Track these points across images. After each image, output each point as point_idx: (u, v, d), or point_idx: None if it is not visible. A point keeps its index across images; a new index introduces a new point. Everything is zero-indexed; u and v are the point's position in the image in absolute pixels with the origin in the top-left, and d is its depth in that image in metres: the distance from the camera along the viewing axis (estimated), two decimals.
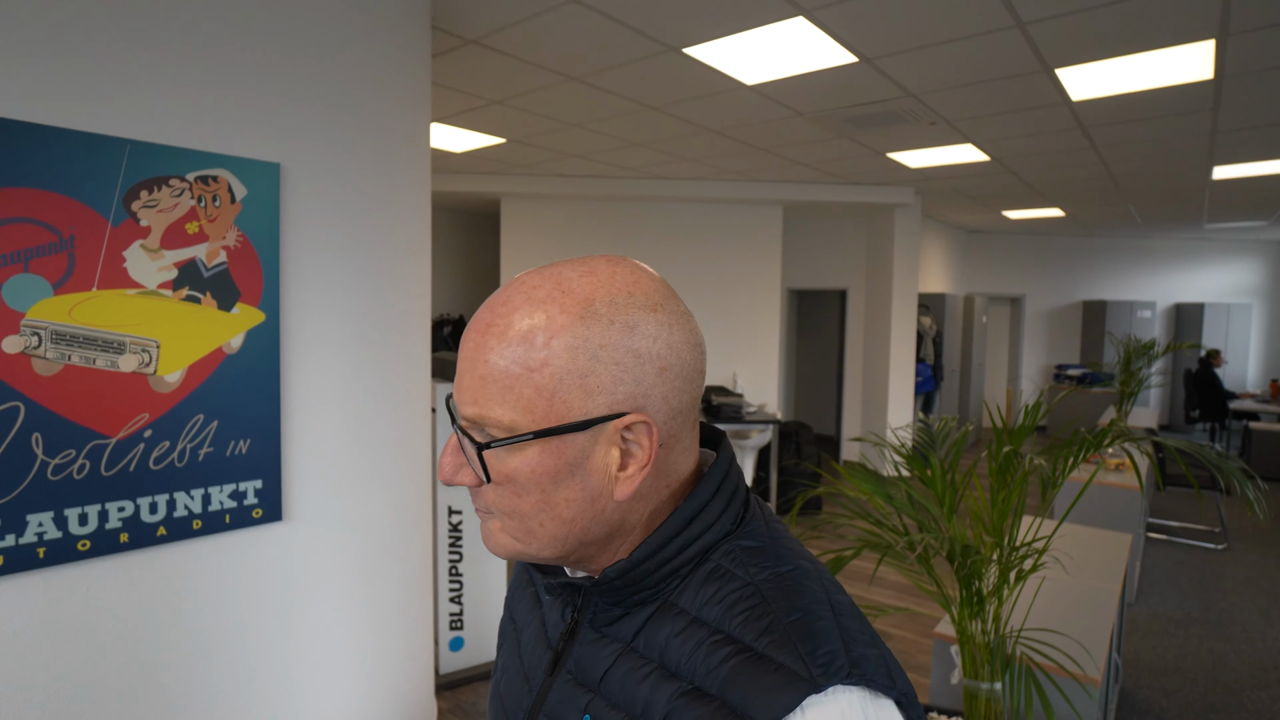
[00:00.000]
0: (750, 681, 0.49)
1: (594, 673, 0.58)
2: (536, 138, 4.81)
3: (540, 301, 0.53)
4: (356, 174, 2.22)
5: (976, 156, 5.19)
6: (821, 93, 3.74)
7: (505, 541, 0.57)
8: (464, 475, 0.57)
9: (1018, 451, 1.66)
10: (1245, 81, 3.48)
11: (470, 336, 0.54)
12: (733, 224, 6.83)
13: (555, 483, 0.54)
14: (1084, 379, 9.65)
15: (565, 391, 0.52)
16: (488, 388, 0.52)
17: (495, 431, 0.53)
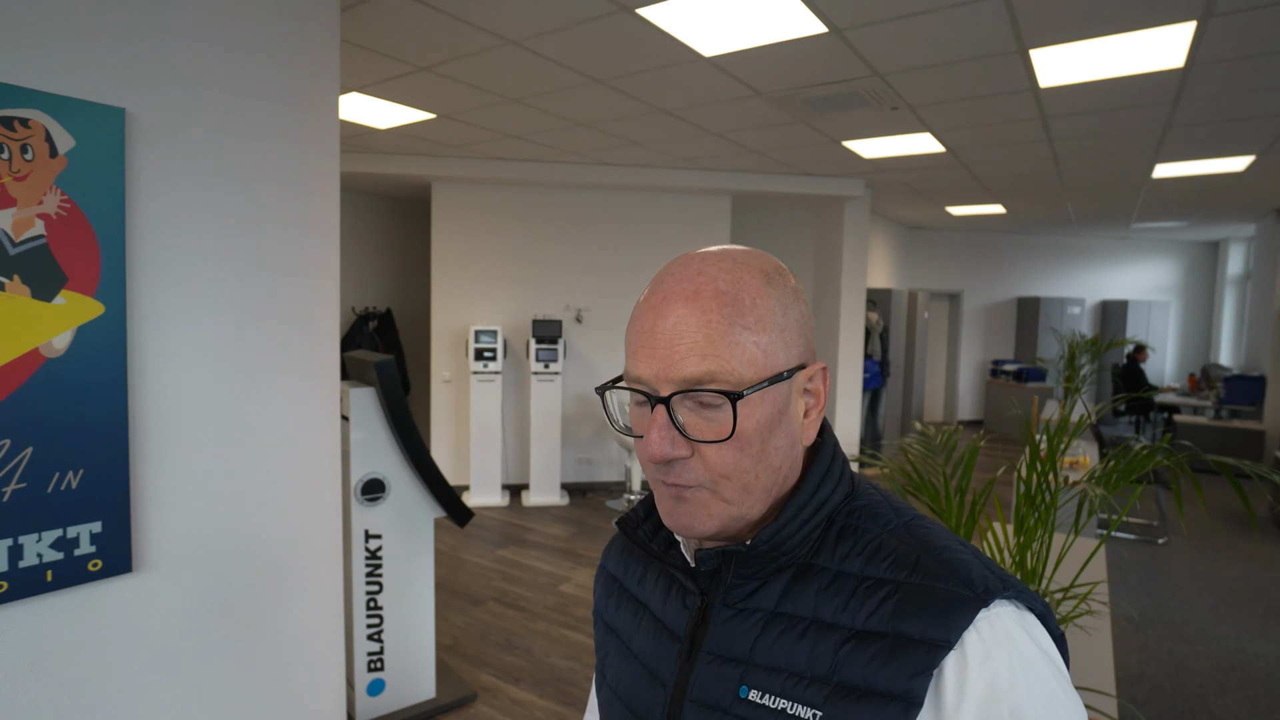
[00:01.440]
0: (920, 610, 0.53)
1: (740, 646, 0.60)
2: (470, 114, 4.37)
3: (730, 270, 0.59)
4: (239, 133, 1.78)
5: (933, 147, 5.02)
6: (784, 68, 3.45)
7: (718, 509, 0.58)
8: (679, 447, 0.57)
9: (1049, 476, 1.38)
10: (1214, 71, 3.36)
11: (674, 304, 0.57)
12: (681, 215, 6.52)
13: (771, 432, 0.58)
14: (1020, 374, 9.79)
15: (773, 345, 0.58)
16: (716, 345, 0.56)
17: (725, 387, 0.56)
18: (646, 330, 0.58)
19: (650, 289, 0.60)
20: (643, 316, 0.59)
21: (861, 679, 0.54)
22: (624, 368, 0.61)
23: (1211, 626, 3.94)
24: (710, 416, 0.57)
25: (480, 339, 5.83)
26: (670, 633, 0.65)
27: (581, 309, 6.37)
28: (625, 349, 0.61)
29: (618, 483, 6.53)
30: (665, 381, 0.56)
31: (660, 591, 0.69)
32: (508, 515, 5.73)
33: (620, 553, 0.78)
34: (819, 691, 0.55)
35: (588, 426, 6.47)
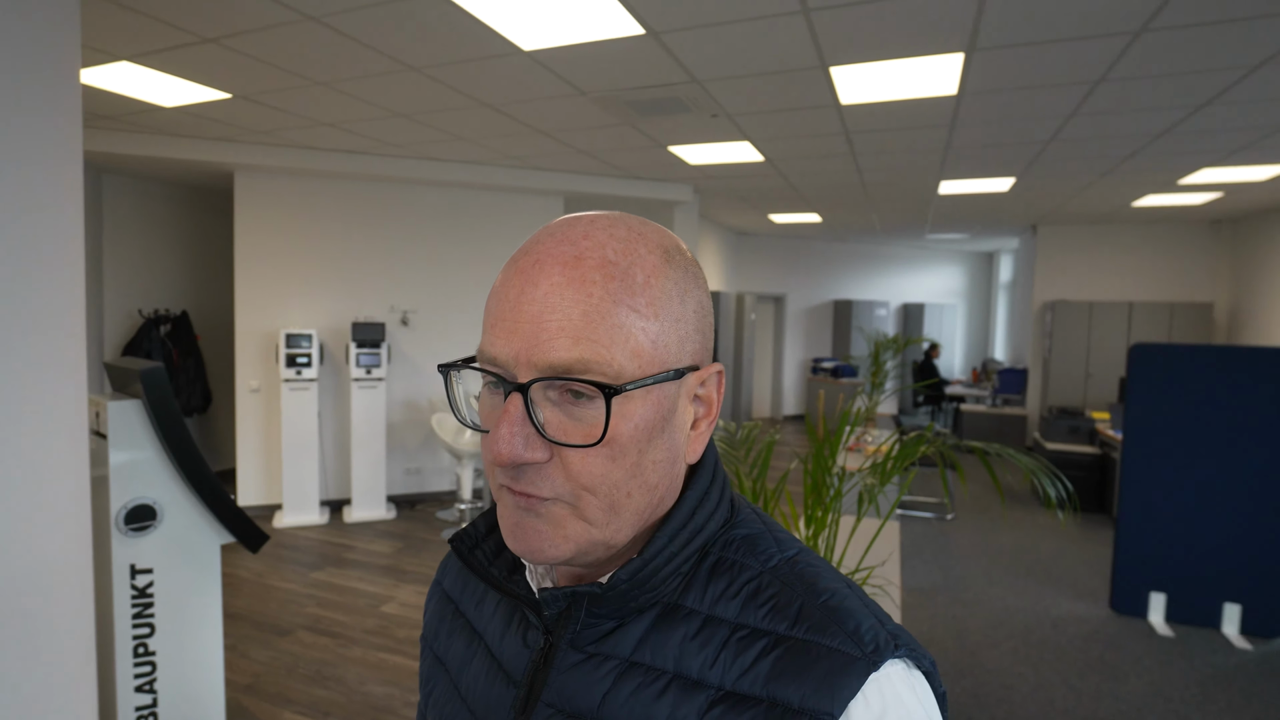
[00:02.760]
0: (802, 673, 0.46)
1: (587, 699, 0.50)
2: (272, 96, 3.97)
3: (624, 239, 0.49)
4: None
5: (753, 156, 5.28)
6: (605, 68, 3.46)
7: (576, 531, 0.48)
8: (534, 449, 0.46)
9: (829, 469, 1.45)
10: (981, 100, 3.81)
11: (548, 270, 0.46)
12: (512, 214, 6.38)
13: (650, 441, 0.48)
14: (836, 371, 10.63)
15: (664, 335, 0.48)
16: (595, 326, 0.45)
17: (600, 378, 0.46)
18: (510, 300, 0.47)
19: (521, 250, 0.49)
20: (508, 283, 0.48)
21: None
22: (478, 345, 0.50)
23: (985, 589, 4.47)
24: (578, 414, 0.46)
25: (293, 344, 5.34)
26: (506, 675, 0.55)
27: (407, 311, 6.04)
28: (483, 322, 0.50)
29: (448, 492, 6.26)
30: (525, 365, 0.46)
31: (501, 620, 0.58)
32: (326, 534, 5.30)
33: (460, 569, 0.66)
34: None
35: (415, 434, 6.15)
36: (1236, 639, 3.79)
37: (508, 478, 0.48)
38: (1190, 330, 8.06)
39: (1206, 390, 3.89)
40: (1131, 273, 8.64)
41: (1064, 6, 2.69)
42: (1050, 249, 8.91)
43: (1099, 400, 8.21)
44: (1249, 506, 3.83)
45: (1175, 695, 3.23)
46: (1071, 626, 3.94)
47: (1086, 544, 5.39)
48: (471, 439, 5.54)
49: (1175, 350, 4.00)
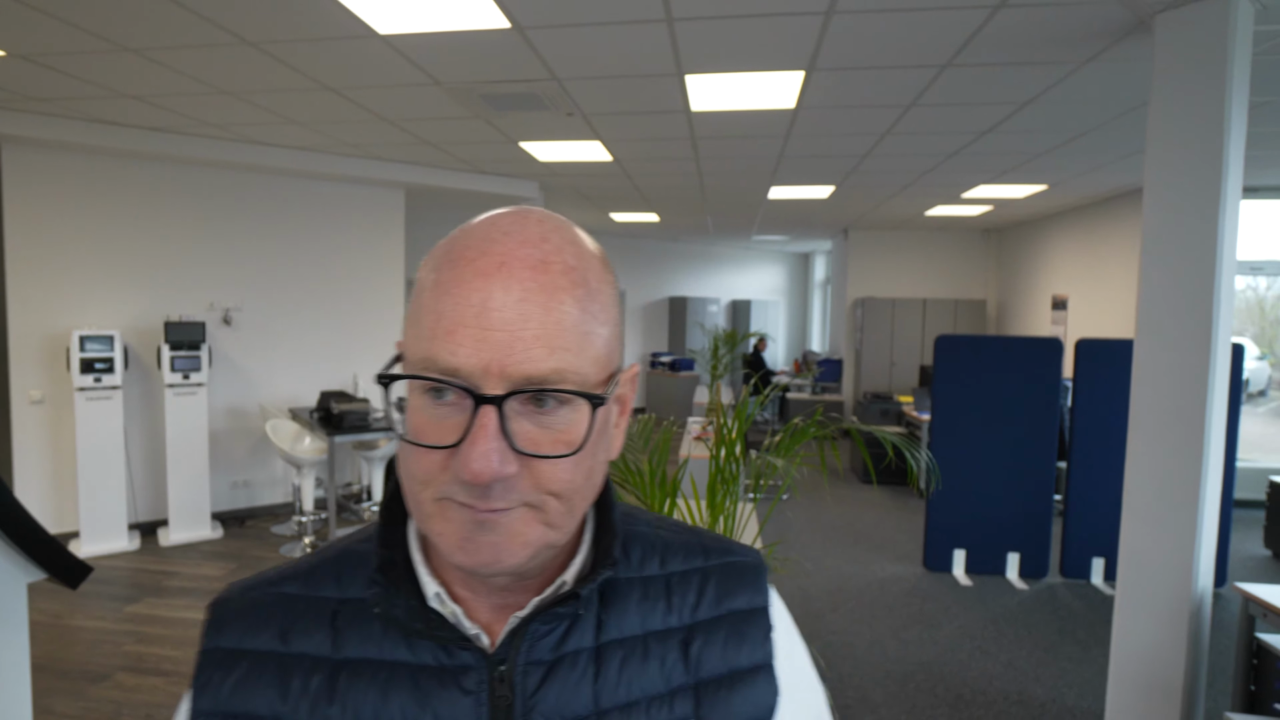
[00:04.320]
0: (737, 584, 0.57)
1: (581, 701, 0.50)
2: (61, 59, 3.44)
3: (574, 242, 0.48)
4: None
5: (602, 156, 5.39)
6: (465, 60, 3.38)
7: (535, 535, 0.46)
8: (509, 464, 0.44)
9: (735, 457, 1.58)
10: (814, 114, 4.20)
11: (519, 274, 0.44)
12: (349, 205, 6.00)
13: (599, 443, 0.49)
14: (674, 364, 11.10)
15: (613, 340, 0.49)
16: (568, 335, 0.45)
17: (576, 388, 0.45)
18: (475, 304, 0.43)
19: (466, 249, 0.46)
20: (465, 284, 0.44)
21: (724, 667, 0.54)
22: (414, 351, 0.45)
23: (821, 560, 4.94)
24: (547, 423, 0.45)
25: (89, 347, 4.64)
26: None
27: (230, 308, 5.47)
28: (418, 324, 0.45)
29: (284, 505, 5.77)
30: (497, 377, 0.43)
31: (405, 689, 0.49)
32: (140, 561, 4.68)
33: (281, 632, 0.52)
34: (687, 700, 0.52)
35: (243, 443, 5.60)
36: (1017, 582, 4.53)
37: (472, 496, 0.44)
38: (970, 323, 9.38)
39: (988, 374, 4.59)
40: (924, 273, 9.87)
41: (890, 39, 3.05)
42: (859, 251, 9.94)
43: (903, 385, 9.30)
44: (1021, 469, 4.57)
45: (977, 634, 3.80)
46: (895, 585, 4.48)
47: (899, 513, 6.11)
48: (312, 446, 5.15)
49: (967, 340, 4.68)
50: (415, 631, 0.50)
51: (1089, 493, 4.44)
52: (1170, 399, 2.49)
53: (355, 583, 0.52)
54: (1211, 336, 2.42)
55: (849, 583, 4.52)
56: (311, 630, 0.51)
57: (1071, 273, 7.58)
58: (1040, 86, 3.62)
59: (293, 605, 0.52)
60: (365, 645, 0.50)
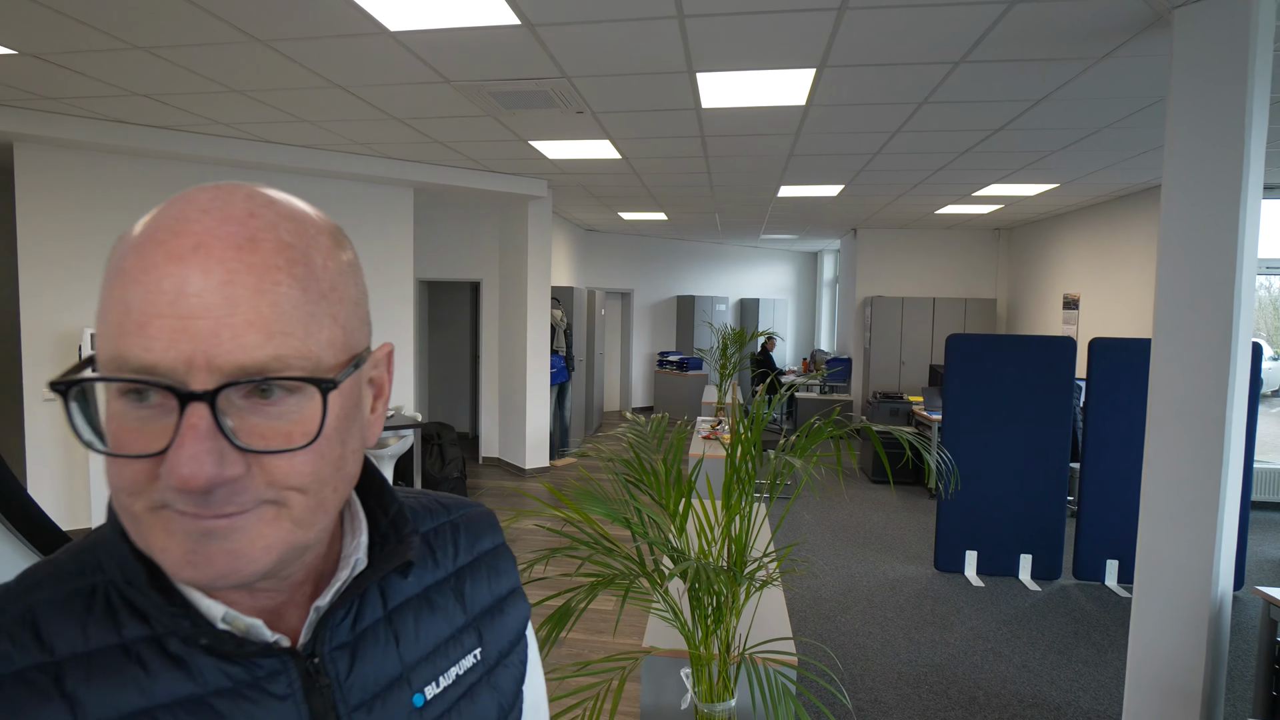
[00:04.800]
0: (480, 529, 0.65)
1: (390, 665, 0.53)
2: (73, 57, 3.44)
3: (294, 219, 0.44)
4: None
5: (611, 154, 5.37)
6: (476, 57, 3.37)
7: (281, 536, 0.42)
8: (232, 464, 0.40)
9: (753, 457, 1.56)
10: (824, 112, 4.17)
11: (222, 254, 0.40)
12: (359, 204, 6.00)
13: (348, 430, 0.46)
14: (682, 363, 11.08)
15: (351, 319, 0.46)
16: (288, 318, 0.41)
17: (305, 373, 0.42)
18: (168, 291, 0.39)
19: (157, 230, 0.41)
20: (154, 269, 0.39)
21: (491, 597, 0.62)
22: (103, 350, 0.40)
23: (832, 560, 4.91)
24: (274, 413, 0.41)
25: None
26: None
27: None
28: (105, 319, 0.40)
29: None
30: (203, 370, 0.39)
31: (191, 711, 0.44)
32: None
33: None
34: (471, 633, 0.59)
35: None
36: (1030, 583, 4.49)
37: (190, 503, 0.40)
38: (980, 322, 9.32)
39: (1001, 374, 4.55)
40: (933, 272, 9.81)
41: (903, 35, 3.02)
42: (868, 250, 9.89)
43: (912, 385, 9.25)
44: (1032, 470, 4.53)
45: (990, 636, 3.77)
46: (906, 586, 4.45)
47: (908, 513, 6.08)
48: None
49: (979, 340, 4.64)
50: (216, 653, 0.45)
51: (1102, 494, 4.40)
52: (1190, 399, 2.46)
53: (69, 637, 0.43)
54: (1231, 335, 2.38)
55: (859, 583, 4.49)
56: (27, 713, 0.41)
57: (1083, 271, 7.52)
58: (1055, 83, 3.58)
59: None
60: (120, 699, 0.42)
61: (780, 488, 1.57)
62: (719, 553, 1.68)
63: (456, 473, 5.68)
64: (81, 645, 0.43)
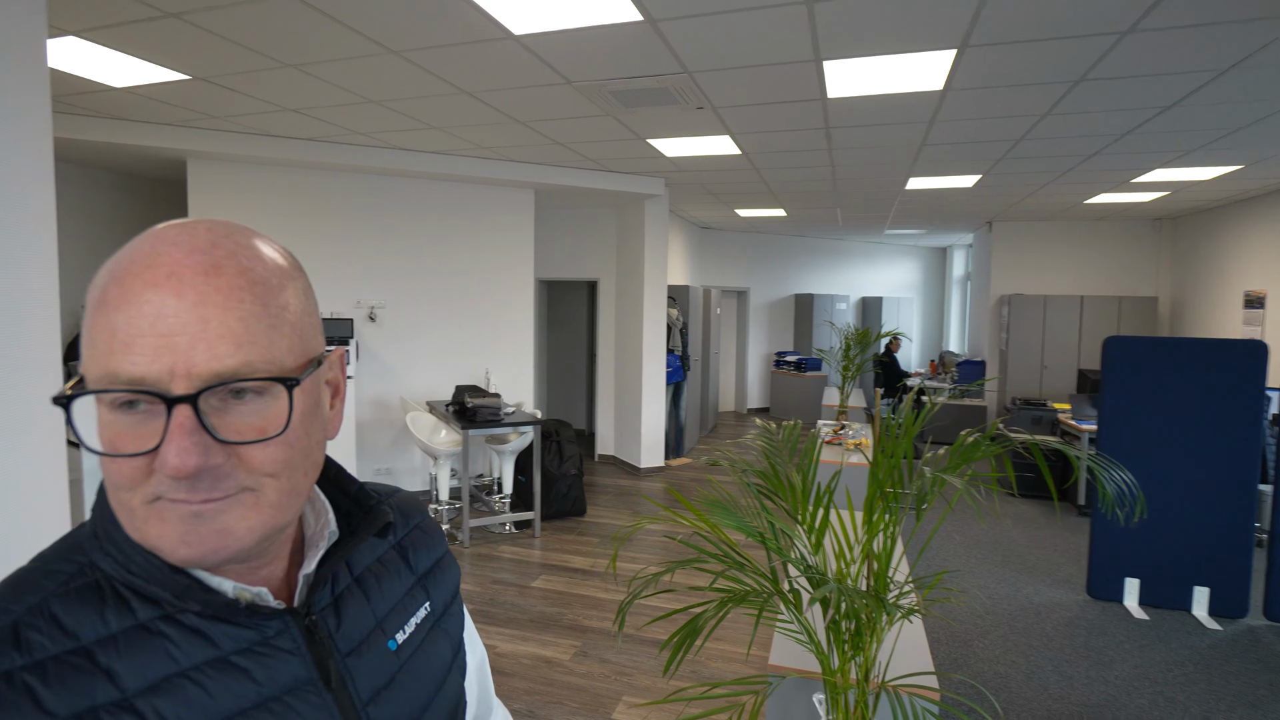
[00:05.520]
0: (409, 509, 0.75)
1: (365, 620, 0.63)
2: (235, 78, 3.74)
3: (248, 246, 0.52)
4: None
5: (730, 150, 5.25)
6: (596, 57, 3.36)
7: (261, 518, 0.51)
8: (214, 455, 0.48)
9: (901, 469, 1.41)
10: (964, 96, 3.85)
11: (189, 280, 0.47)
12: (483, 206, 6.21)
13: (312, 423, 0.54)
14: (799, 364, 10.74)
15: (307, 327, 0.54)
16: (254, 330, 0.49)
17: (263, 376, 0.49)
18: (148, 315, 0.46)
19: (131, 264, 0.48)
20: (134, 297, 0.46)
21: (430, 560, 0.73)
22: (93, 370, 0.47)
23: (967, 579, 4.55)
24: (250, 412, 0.49)
25: None
26: (290, 695, 0.54)
27: (375, 306, 5.82)
28: (93, 343, 0.47)
29: (422, 492, 6.07)
30: (183, 378, 0.46)
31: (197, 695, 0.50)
32: None
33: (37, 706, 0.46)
34: (420, 591, 0.70)
35: (386, 434, 5.94)
36: (1207, 620, 3.95)
37: (182, 491, 0.47)
38: (1137, 323, 8.41)
39: (1171, 381, 4.03)
40: (1081, 267, 8.96)
41: (1058, 6, 2.71)
42: (1005, 244, 9.17)
43: (1055, 391, 8.48)
44: (1210, 491, 3.98)
45: (1159, 677, 3.34)
46: (1054, 613, 4.04)
47: (1054, 531, 5.55)
48: (448, 438, 5.37)
49: (1144, 343, 4.14)
50: (229, 621, 0.53)
51: None
52: None
53: (90, 623, 0.49)
54: None
55: (999, 606, 4.13)
56: (77, 686, 0.47)
57: (1271, 266, 6.59)
58: (1250, 46, 3.11)
59: (27, 678, 0.46)
60: (155, 667, 0.49)
61: (929, 507, 1.42)
62: (858, 572, 1.54)
63: (574, 470, 5.75)
64: (104, 629, 0.49)
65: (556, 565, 4.68)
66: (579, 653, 3.51)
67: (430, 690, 0.66)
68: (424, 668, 0.66)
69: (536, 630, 3.74)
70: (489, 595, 4.17)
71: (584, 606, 4.04)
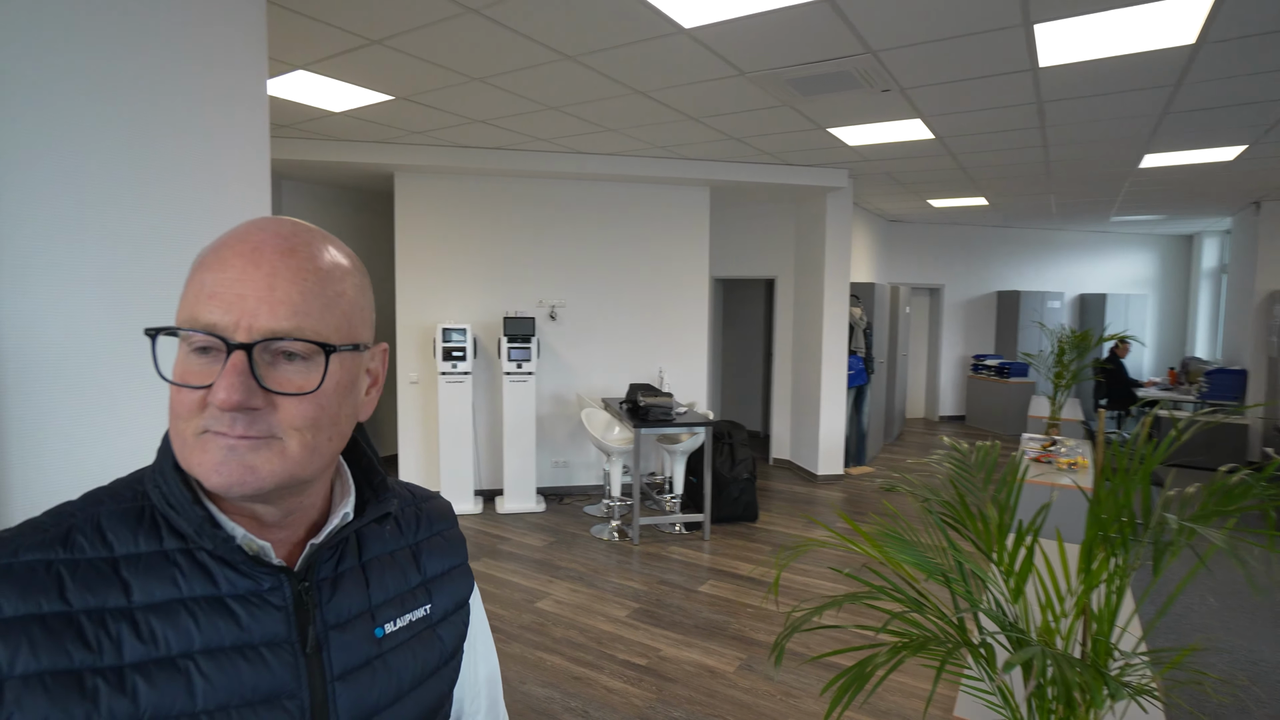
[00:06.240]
0: (435, 515, 0.79)
1: (359, 601, 0.67)
2: (430, 95, 4.05)
3: (322, 242, 0.61)
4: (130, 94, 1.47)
5: (921, 134, 4.81)
6: (770, 44, 3.19)
7: (283, 464, 0.57)
8: (255, 396, 0.56)
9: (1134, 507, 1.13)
10: (1225, 49, 3.17)
11: (268, 255, 0.57)
12: (658, 205, 6.25)
13: (345, 396, 0.61)
14: (1002, 369, 9.69)
15: (356, 317, 0.62)
16: (310, 302, 0.57)
17: (308, 338, 0.57)
18: (231, 276, 0.55)
19: (229, 239, 0.58)
20: (225, 263, 0.56)
21: (443, 566, 0.76)
22: (181, 315, 0.56)
23: (1221, 636, 3.78)
24: (291, 370, 0.57)
25: (449, 338, 5.50)
26: (266, 647, 0.60)
27: (555, 305, 6.07)
28: (186, 295, 0.57)
29: (595, 486, 6.25)
30: (245, 330, 0.55)
31: (189, 623, 0.57)
32: (481, 524, 5.43)
33: (61, 595, 0.54)
34: (423, 592, 0.73)
35: (563, 428, 6.18)
36: None
37: (224, 424, 0.55)
38: None
39: None
40: None
41: None
42: (1279, 230, 7.58)
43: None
44: None
45: None
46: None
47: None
48: (621, 435, 5.46)
49: None
50: (233, 566, 0.59)
51: None
52: None
53: (125, 540, 0.58)
54: None
55: (1270, 674, 3.37)
56: (96, 587, 0.55)
57: None
58: None
59: (61, 569, 0.55)
60: (162, 589, 0.57)
61: (1170, 560, 1.12)
62: (1070, 630, 1.27)
63: (746, 473, 5.60)
64: (134, 547, 0.58)
65: (725, 571, 4.56)
66: (744, 665, 3.37)
67: (403, 686, 0.67)
68: (404, 664, 0.68)
69: (701, 637, 3.66)
70: (655, 596, 4.16)
71: (751, 617, 3.89)
